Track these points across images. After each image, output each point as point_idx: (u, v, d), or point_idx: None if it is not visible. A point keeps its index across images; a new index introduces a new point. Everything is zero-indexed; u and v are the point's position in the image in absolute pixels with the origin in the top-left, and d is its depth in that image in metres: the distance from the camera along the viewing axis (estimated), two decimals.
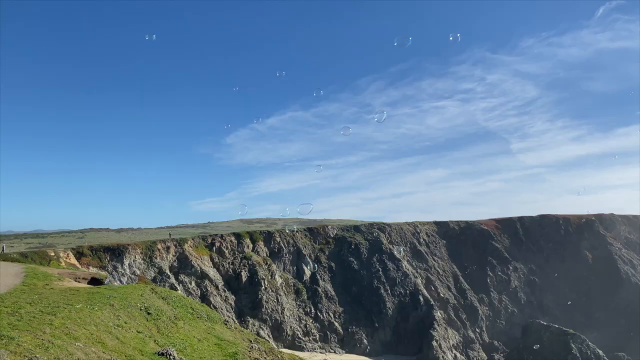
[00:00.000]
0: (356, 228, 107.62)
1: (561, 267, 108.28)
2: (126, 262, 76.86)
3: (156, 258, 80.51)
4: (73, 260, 67.56)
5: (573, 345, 64.92)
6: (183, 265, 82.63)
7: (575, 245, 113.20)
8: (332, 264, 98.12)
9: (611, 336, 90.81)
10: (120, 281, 71.67)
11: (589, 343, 66.83)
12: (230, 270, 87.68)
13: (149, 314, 20.60)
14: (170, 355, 16.19)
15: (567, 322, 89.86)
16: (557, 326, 71.01)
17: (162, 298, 24.53)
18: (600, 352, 65.47)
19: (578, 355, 63.49)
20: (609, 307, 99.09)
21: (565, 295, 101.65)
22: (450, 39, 30.64)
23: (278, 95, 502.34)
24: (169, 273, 79.84)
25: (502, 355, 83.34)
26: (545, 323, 72.63)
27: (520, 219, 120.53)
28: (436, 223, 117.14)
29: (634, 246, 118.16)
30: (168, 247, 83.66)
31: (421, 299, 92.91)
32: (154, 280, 75.57)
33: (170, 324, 20.84)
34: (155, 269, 79.22)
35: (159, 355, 16.12)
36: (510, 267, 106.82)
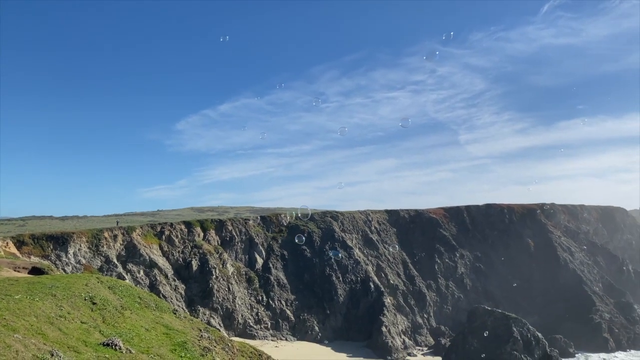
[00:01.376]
0: (310, 217, 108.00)
1: (505, 254, 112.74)
2: (71, 251, 74.22)
3: (103, 247, 78.13)
4: (13, 250, 64.53)
5: (515, 329, 67.89)
6: (131, 254, 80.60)
7: (519, 233, 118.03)
8: (285, 253, 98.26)
9: (549, 319, 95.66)
10: (65, 270, 69.16)
11: (529, 326, 70.09)
12: (181, 259, 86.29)
13: (94, 303, 19.99)
14: (116, 345, 15.80)
15: (510, 307, 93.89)
16: (500, 311, 74.06)
17: (109, 287, 23.85)
18: (540, 334, 68.85)
19: (519, 338, 66.52)
20: (549, 292, 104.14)
21: (509, 281, 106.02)
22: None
23: (230, 81, 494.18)
24: (116, 262, 77.71)
25: (448, 339, 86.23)
26: (489, 308, 75.60)
27: (467, 207, 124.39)
28: (387, 211, 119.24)
29: (573, 234, 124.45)
30: (115, 236, 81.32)
31: (372, 285, 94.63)
32: (100, 269, 73.38)
33: (117, 314, 20.31)
34: (101, 257, 76.90)
35: (104, 345, 15.70)
36: (457, 254, 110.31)
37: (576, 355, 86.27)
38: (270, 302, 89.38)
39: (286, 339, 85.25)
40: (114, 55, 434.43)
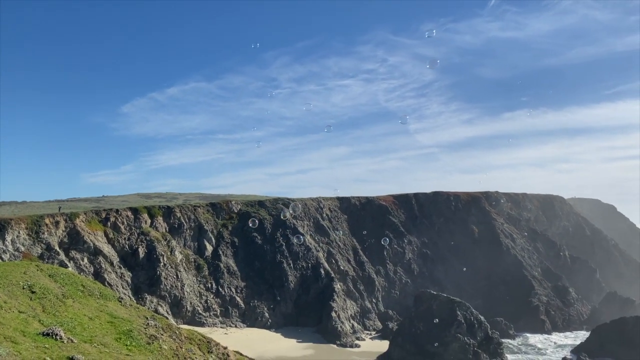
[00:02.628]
0: (261, 203, 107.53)
1: (451, 241, 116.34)
2: (8, 238, 70.77)
3: (44, 234, 74.92)
4: None
5: (459, 312, 70.41)
6: (74, 241, 77.72)
7: (464, 220, 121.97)
8: (236, 240, 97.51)
9: (492, 302, 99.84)
10: (1, 258, 65.95)
11: (473, 310, 72.89)
12: (127, 247, 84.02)
13: (33, 292, 19.19)
14: (56, 335, 15.23)
15: (455, 291, 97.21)
16: (445, 295, 76.55)
17: (49, 275, 22.94)
18: (482, 317, 71.75)
19: (463, 321, 69.09)
20: (492, 276, 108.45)
21: (454, 266, 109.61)
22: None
23: (180, 64, 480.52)
24: (58, 249, 74.75)
25: (395, 323, 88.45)
26: (434, 292, 77.97)
27: (416, 195, 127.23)
28: (339, 199, 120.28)
29: (515, 221, 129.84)
30: (57, 222, 78.11)
31: (322, 272, 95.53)
32: (41, 257, 70.38)
33: (58, 303, 19.58)
34: (42, 245, 73.77)
35: (43, 335, 15.11)
36: (405, 241, 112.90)
37: (515, 336, 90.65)
38: (220, 289, 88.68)
39: (236, 326, 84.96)
40: (54, 31, 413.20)
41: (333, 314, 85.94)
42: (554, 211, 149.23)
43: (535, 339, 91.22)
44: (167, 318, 59.95)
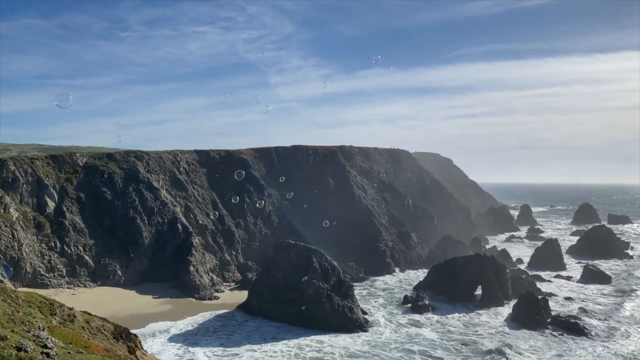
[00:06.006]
0: (110, 156, 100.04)
1: (309, 193, 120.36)
2: None
3: None
4: None
5: (314, 259, 73.79)
6: None
7: (321, 173, 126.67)
8: (82, 195, 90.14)
9: (346, 249, 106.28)
10: None
11: (327, 256, 76.91)
12: None
13: None
14: None
15: (312, 240, 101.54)
16: (302, 244, 79.47)
17: None
18: (335, 263, 76.12)
19: (318, 267, 72.66)
20: (345, 225, 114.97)
21: (311, 217, 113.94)
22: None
23: None
24: None
25: (254, 273, 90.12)
26: (292, 242, 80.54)
27: (276, 149, 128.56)
28: (197, 152, 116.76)
29: (367, 174, 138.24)
30: None
31: (180, 227, 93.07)
32: None
33: None
34: None
35: None
36: (266, 194, 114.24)
37: (365, 279, 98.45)
38: (66, 248, 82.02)
39: (85, 286, 79.83)
40: None
41: (191, 268, 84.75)
42: (400, 164, 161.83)
43: (382, 279, 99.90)
44: (2, 282, 53.96)
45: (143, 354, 29.91)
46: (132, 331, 32.98)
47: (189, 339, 61.16)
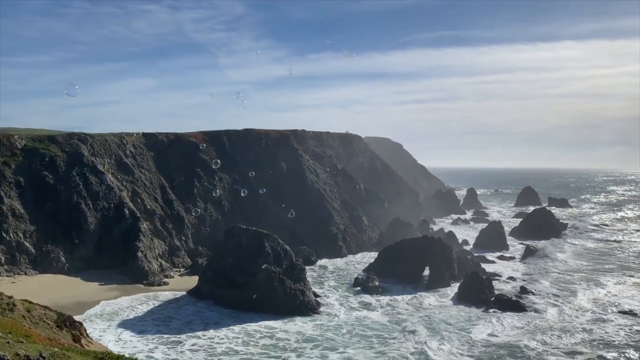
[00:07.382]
0: (51, 139, 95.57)
1: (261, 177, 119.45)
2: None
3: None
4: None
5: (267, 244, 73.60)
6: None
7: (274, 157, 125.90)
8: (21, 179, 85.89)
9: (298, 233, 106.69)
10: None
11: (280, 241, 76.85)
12: None
13: None
14: None
15: (264, 225, 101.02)
16: (254, 229, 78.99)
17: None
18: (288, 247, 76.18)
19: (270, 251, 72.55)
20: (298, 209, 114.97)
21: (264, 201, 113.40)
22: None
23: None
24: None
25: (205, 258, 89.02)
26: (244, 227, 79.91)
27: (227, 132, 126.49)
28: (144, 135, 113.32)
29: (319, 158, 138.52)
30: None
31: (126, 211, 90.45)
32: None
33: None
34: None
35: None
36: (216, 178, 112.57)
37: (317, 261, 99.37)
38: (4, 234, 78.18)
39: (26, 273, 76.50)
40: None
41: (139, 254, 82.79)
42: (352, 148, 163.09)
43: (334, 262, 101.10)
44: None
45: (89, 342, 29.10)
46: (77, 319, 31.97)
47: (137, 325, 59.92)
